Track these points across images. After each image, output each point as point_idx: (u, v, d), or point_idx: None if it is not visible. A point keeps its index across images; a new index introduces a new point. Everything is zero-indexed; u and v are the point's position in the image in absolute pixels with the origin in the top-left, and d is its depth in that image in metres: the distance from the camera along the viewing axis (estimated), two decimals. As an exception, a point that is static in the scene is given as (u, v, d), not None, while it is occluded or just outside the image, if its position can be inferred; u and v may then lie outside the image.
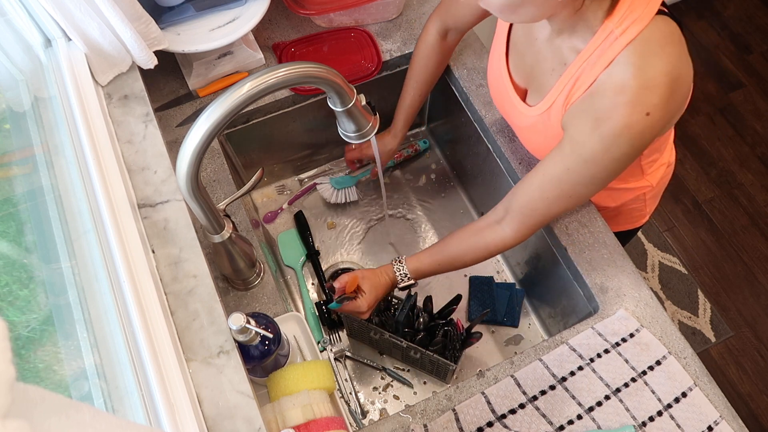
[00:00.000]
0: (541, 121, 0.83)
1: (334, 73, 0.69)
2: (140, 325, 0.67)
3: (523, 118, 0.87)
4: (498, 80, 0.91)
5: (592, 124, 0.70)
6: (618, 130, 0.68)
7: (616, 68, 0.67)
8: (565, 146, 0.75)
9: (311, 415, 0.78)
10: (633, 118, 0.66)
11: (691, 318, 1.92)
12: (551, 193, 0.78)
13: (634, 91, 0.66)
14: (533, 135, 0.88)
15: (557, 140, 0.80)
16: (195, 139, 0.63)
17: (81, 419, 0.36)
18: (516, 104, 0.87)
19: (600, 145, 0.70)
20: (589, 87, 0.71)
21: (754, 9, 2.57)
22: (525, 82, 0.87)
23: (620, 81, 0.67)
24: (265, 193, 1.29)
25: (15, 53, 0.85)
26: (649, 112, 0.66)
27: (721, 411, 0.83)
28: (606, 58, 0.68)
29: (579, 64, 0.73)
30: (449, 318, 0.99)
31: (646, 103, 0.66)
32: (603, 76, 0.69)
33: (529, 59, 0.83)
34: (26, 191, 0.80)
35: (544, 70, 0.80)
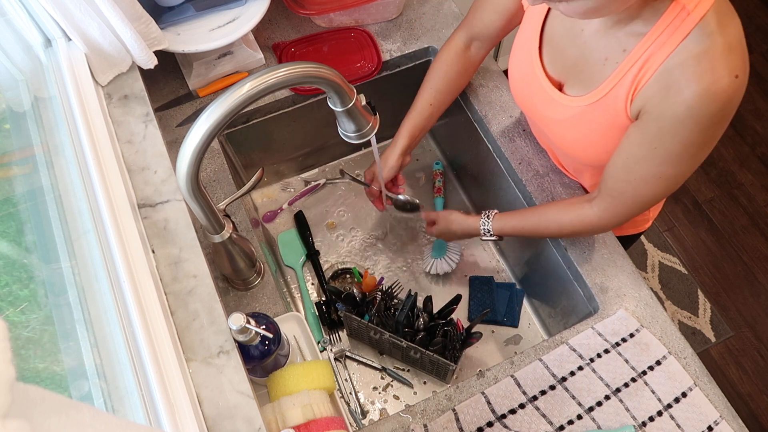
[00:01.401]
0: (588, 112, 0.80)
1: (334, 73, 0.69)
2: (140, 325, 0.67)
3: (562, 110, 0.84)
4: (528, 76, 0.88)
5: (676, 95, 0.67)
6: (709, 94, 0.65)
7: (693, 39, 0.66)
8: (649, 124, 0.71)
9: (311, 415, 0.78)
10: (723, 82, 0.64)
11: (691, 318, 1.92)
12: (638, 175, 0.76)
13: (721, 55, 0.64)
14: (572, 127, 0.84)
15: (609, 131, 0.78)
16: (195, 139, 0.63)
17: (81, 419, 0.36)
18: (555, 97, 0.84)
19: (688, 113, 0.67)
20: (661, 64, 0.69)
21: (754, 9, 2.57)
22: (563, 76, 0.84)
23: (702, 49, 0.65)
24: (265, 193, 1.29)
25: (15, 53, 0.85)
26: (737, 75, 0.65)
27: (721, 411, 0.83)
28: (680, 34, 0.66)
29: (645, 47, 0.70)
30: (449, 318, 0.99)
31: (734, 66, 0.64)
32: (679, 50, 0.67)
33: (571, 53, 0.81)
34: (26, 191, 0.80)
35: (594, 60, 0.78)
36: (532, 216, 0.94)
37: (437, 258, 1.16)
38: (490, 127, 1.10)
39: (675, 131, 0.70)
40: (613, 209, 0.82)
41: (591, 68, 0.79)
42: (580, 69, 0.81)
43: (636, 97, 0.73)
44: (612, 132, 0.78)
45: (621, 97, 0.74)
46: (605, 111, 0.77)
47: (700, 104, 0.66)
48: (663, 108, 0.70)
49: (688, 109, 0.67)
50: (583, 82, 0.81)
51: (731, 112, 0.68)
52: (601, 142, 0.81)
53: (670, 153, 0.72)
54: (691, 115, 0.67)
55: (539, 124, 0.93)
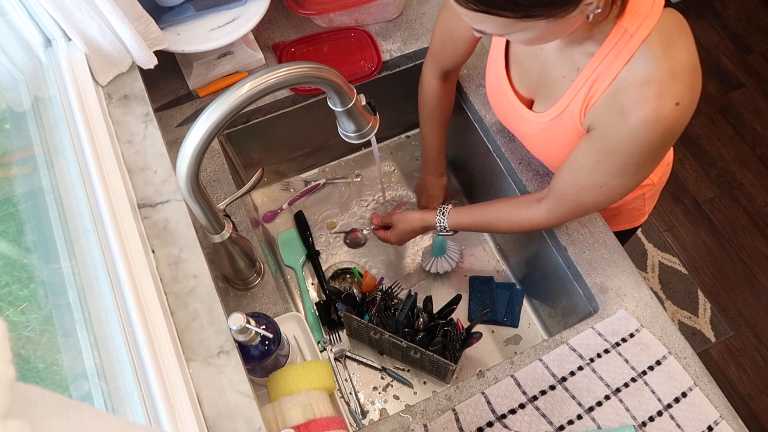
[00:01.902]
0: (552, 127, 0.83)
1: (334, 73, 0.69)
2: (140, 325, 0.67)
3: (530, 125, 0.87)
4: (500, 93, 0.92)
5: (620, 118, 0.70)
6: (650, 121, 0.67)
7: (637, 64, 0.67)
8: (595, 139, 0.75)
9: (311, 415, 0.78)
10: (665, 110, 0.66)
11: (691, 318, 1.92)
12: (581, 182, 0.80)
13: (661, 83, 0.66)
14: (542, 141, 0.88)
15: (570, 145, 0.81)
16: (195, 139, 0.63)
17: (81, 419, 0.36)
18: (523, 114, 0.88)
19: (630, 136, 0.70)
20: (608, 86, 0.71)
21: (754, 9, 2.57)
22: (531, 93, 0.87)
23: (644, 75, 0.67)
24: (265, 193, 1.29)
25: (15, 53, 0.85)
26: (678, 102, 0.66)
27: (721, 411, 0.83)
28: (624, 56, 0.68)
29: (594, 67, 0.73)
30: (449, 318, 0.99)
31: (675, 93, 0.66)
32: (623, 73, 0.69)
33: (535, 70, 0.84)
34: (26, 191, 0.81)
35: (554, 78, 0.80)
36: (487, 213, 0.98)
37: (438, 257, 1.16)
38: (490, 127, 1.10)
39: (618, 150, 0.72)
40: (557, 210, 0.87)
41: (551, 85, 0.81)
42: (543, 85, 0.83)
43: (587, 114, 0.76)
44: (572, 145, 0.81)
45: (575, 112, 0.77)
46: (565, 126, 0.80)
47: (642, 130, 0.68)
48: (608, 128, 0.72)
49: (630, 134, 0.70)
50: (546, 99, 0.84)
51: (673, 136, 0.70)
52: (566, 153, 0.83)
53: (613, 167, 0.75)
54: (633, 139, 0.70)
55: (516, 136, 1.00)
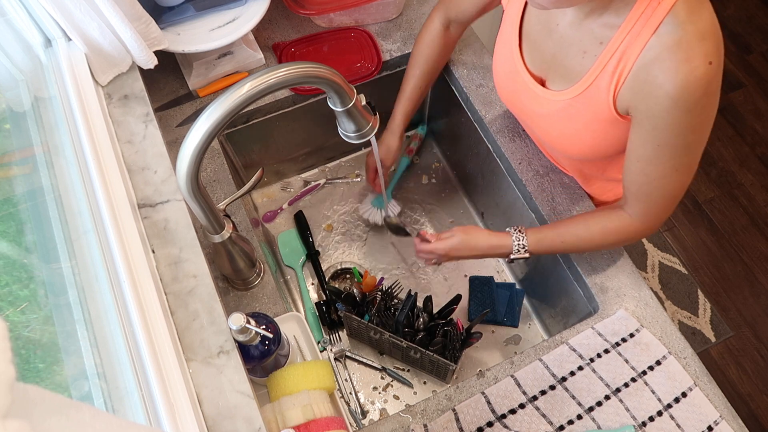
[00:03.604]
0: (572, 105, 0.81)
1: (334, 73, 0.69)
2: (140, 325, 0.67)
3: (548, 104, 0.84)
4: (511, 72, 0.89)
5: (658, 89, 0.68)
6: (689, 84, 0.66)
7: (665, 29, 0.67)
8: (644, 123, 0.73)
9: (311, 415, 0.78)
10: (699, 70, 0.66)
11: (691, 318, 1.92)
12: (655, 174, 0.76)
13: (692, 45, 0.66)
14: (558, 122, 0.85)
15: (594, 125, 0.79)
16: (195, 139, 0.63)
17: (81, 419, 0.36)
18: (539, 93, 0.85)
19: (674, 105, 0.68)
20: (638, 56, 0.70)
21: (754, 9, 2.57)
22: (543, 71, 0.85)
23: (674, 39, 0.66)
24: (265, 193, 1.29)
25: (15, 53, 0.85)
26: (711, 61, 0.66)
27: (721, 411, 0.83)
28: (651, 25, 0.68)
29: (620, 39, 0.71)
30: (449, 318, 0.99)
31: (706, 52, 0.65)
32: (652, 42, 0.68)
33: (549, 47, 0.82)
34: (26, 191, 0.80)
35: (572, 54, 0.79)
36: (571, 231, 0.87)
37: (376, 207, 1.19)
38: (490, 127, 1.10)
39: (668, 125, 0.71)
40: (649, 213, 0.81)
41: (570, 62, 0.80)
42: (559, 63, 0.82)
43: (620, 92, 0.74)
44: (597, 125, 0.79)
45: (603, 89, 0.75)
46: (589, 104, 0.78)
47: (683, 94, 0.67)
48: (649, 105, 0.71)
49: (674, 102, 0.68)
50: (563, 77, 0.82)
51: (715, 94, 0.69)
52: (586, 136, 0.81)
53: (674, 145, 0.73)
54: (678, 106, 0.68)
55: (526, 120, 0.95)
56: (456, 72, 1.15)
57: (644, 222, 0.83)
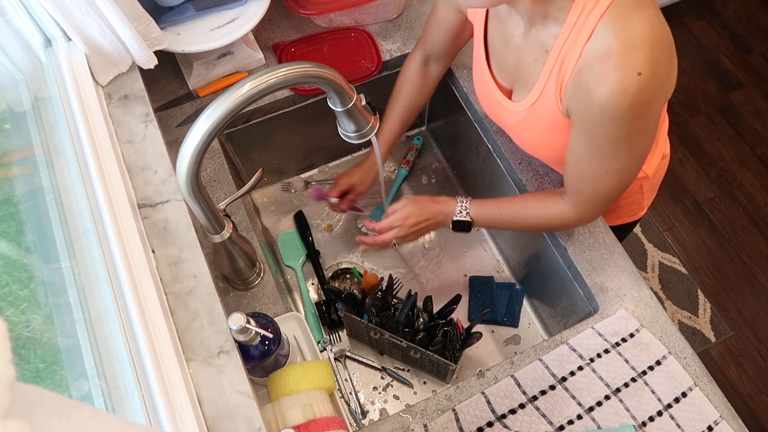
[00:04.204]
0: (532, 114, 0.83)
1: (334, 73, 0.69)
2: (140, 325, 0.67)
3: (512, 115, 0.87)
4: (484, 86, 0.92)
5: (588, 96, 0.70)
6: (615, 94, 0.67)
7: (597, 38, 0.67)
8: (577, 125, 0.75)
9: (311, 415, 0.78)
10: (627, 81, 0.66)
11: (691, 318, 1.92)
12: (587, 173, 0.79)
13: (620, 54, 0.66)
14: (525, 131, 0.88)
15: (552, 131, 0.81)
16: (195, 139, 0.63)
17: (81, 419, 0.36)
18: (504, 104, 0.88)
19: (601, 113, 0.69)
20: (575, 64, 0.71)
21: (754, 9, 2.57)
22: (509, 82, 0.87)
23: (604, 48, 0.67)
24: (265, 193, 1.29)
25: (15, 53, 0.85)
26: (640, 72, 0.65)
27: (721, 411, 0.83)
28: (585, 33, 0.68)
29: (560, 46, 0.73)
30: (449, 318, 0.99)
31: (635, 63, 0.65)
32: (587, 49, 0.69)
33: (509, 58, 0.84)
34: (26, 191, 0.80)
35: (526, 64, 0.80)
36: (510, 207, 0.93)
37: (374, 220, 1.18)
38: (490, 127, 1.10)
39: (597, 130, 0.72)
40: (581, 206, 0.85)
41: (526, 71, 0.81)
42: (519, 73, 0.83)
43: (563, 96, 0.75)
44: (555, 130, 0.81)
45: (552, 96, 0.77)
46: (544, 111, 0.80)
47: (609, 104, 0.68)
48: (582, 109, 0.72)
49: (600, 110, 0.69)
50: (523, 86, 0.83)
51: (646, 104, 0.69)
52: (553, 141, 0.83)
53: (603, 149, 0.75)
54: (604, 114, 0.69)
55: (505, 131, 0.97)
56: (456, 72, 1.15)
57: (577, 213, 0.87)
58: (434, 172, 1.34)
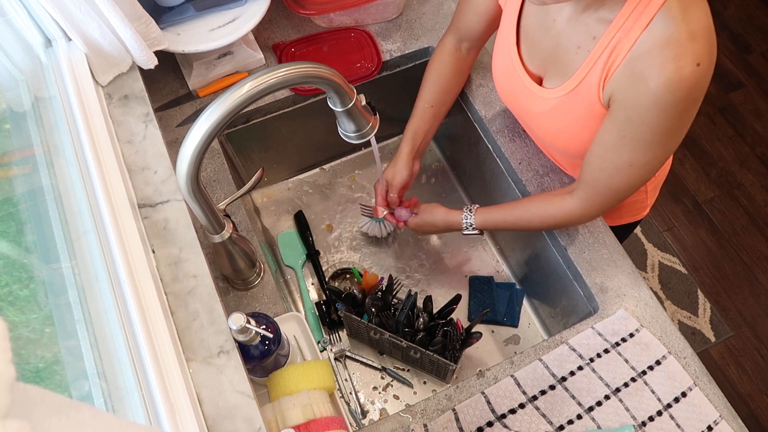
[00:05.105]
0: (566, 102, 0.81)
1: (334, 73, 0.69)
2: (140, 325, 0.67)
3: (542, 103, 0.85)
4: (509, 71, 0.90)
5: (641, 84, 0.68)
6: (672, 83, 0.66)
7: (657, 26, 0.66)
8: (618, 113, 0.73)
9: (311, 415, 0.78)
10: (686, 71, 0.65)
11: (691, 318, 1.92)
12: (610, 163, 0.78)
13: (682, 43, 0.65)
14: (554, 119, 0.86)
15: (585, 120, 0.79)
16: (195, 139, 0.63)
17: (81, 419, 0.36)
18: (534, 91, 0.86)
19: (653, 101, 0.68)
20: (628, 52, 0.70)
21: (754, 9, 2.57)
22: (541, 68, 0.86)
23: (665, 36, 0.66)
24: (265, 193, 1.29)
25: (15, 53, 0.85)
26: (699, 63, 0.65)
27: (721, 411, 0.83)
28: (643, 20, 0.67)
29: (613, 33, 0.71)
30: (449, 318, 0.99)
31: (696, 53, 0.65)
32: (644, 37, 0.67)
33: (547, 44, 0.82)
34: (26, 191, 0.80)
35: (567, 50, 0.79)
36: (514, 210, 0.95)
37: (374, 220, 1.18)
38: (490, 127, 1.10)
39: (642, 119, 0.71)
40: (591, 199, 0.84)
41: (565, 58, 0.80)
42: (556, 59, 0.82)
43: (607, 84, 0.74)
44: (590, 121, 0.79)
45: (594, 84, 0.75)
46: (581, 100, 0.79)
47: (664, 93, 0.67)
48: (630, 96, 0.71)
49: (653, 98, 0.68)
50: (559, 73, 0.82)
51: (697, 99, 0.69)
52: (582, 132, 0.82)
53: (639, 140, 0.73)
54: (656, 103, 0.68)
55: (525, 119, 0.95)
56: (456, 72, 1.15)
57: (583, 209, 0.86)
58: (434, 172, 1.34)
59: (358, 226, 1.22)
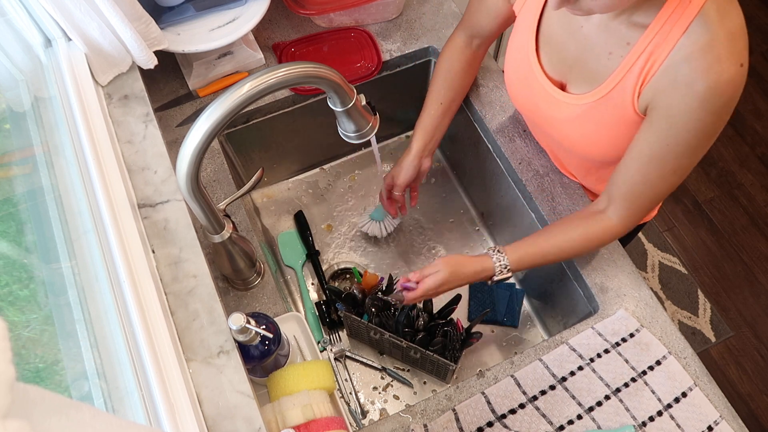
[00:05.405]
0: (596, 108, 0.79)
1: (334, 73, 0.69)
2: (140, 325, 0.67)
3: (567, 108, 0.83)
4: (526, 78, 0.88)
5: (686, 89, 0.68)
6: (720, 86, 0.66)
7: (695, 29, 0.66)
8: (660, 122, 0.72)
9: (311, 415, 0.78)
10: (731, 72, 0.65)
11: (691, 318, 1.92)
12: (654, 174, 0.76)
13: (724, 45, 0.65)
14: (579, 125, 0.84)
15: (617, 127, 0.78)
16: (195, 139, 0.63)
17: (81, 419, 0.36)
18: (558, 97, 0.84)
19: (700, 106, 0.68)
20: (666, 57, 0.69)
21: (754, 9, 2.57)
22: (563, 75, 0.84)
23: (706, 39, 0.65)
24: (265, 193, 1.29)
25: (15, 53, 0.85)
26: (742, 63, 0.66)
27: (721, 411, 0.83)
28: (682, 24, 0.67)
29: (650, 38, 0.70)
30: (449, 318, 0.99)
31: (737, 53, 0.65)
32: (683, 41, 0.67)
33: (572, 50, 0.81)
34: (26, 191, 0.80)
35: (596, 56, 0.78)
36: (550, 239, 0.87)
37: (374, 220, 1.18)
38: (490, 127, 1.10)
39: (687, 125, 0.70)
40: (633, 211, 0.82)
41: (594, 64, 0.79)
42: (583, 65, 0.80)
43: (644, 91, 0.73)
44: (620, 127, 0.78)
45: (628, 90, 0.74)
46: (613, 106, 0.77)
47: (712, 96, 0.67)
48: (673, 103, 0.70)
49: (700, 102, 0.68)
50: (587, 79, 0.81)
51: (737, 99, 0.69)
52: (610, 138, 0.81)
53: (684, 146, 0.72)
54: (704, 107, 0.68)
55: (543, 125, 0.93)
56: (456, 72, 1.15)
57: (624, 224, 0.84)
58: (434, 172, 1.34)
59: (358, 226, 1.22)
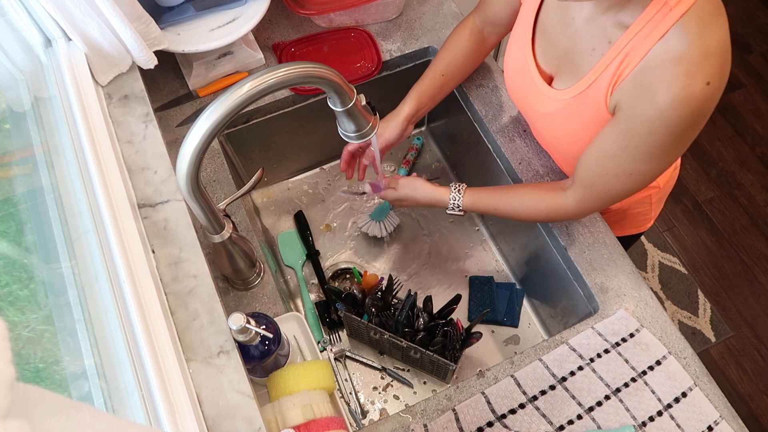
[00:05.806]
0: (573, 104, 0.80)
1: (334, 73, 0.69)
2: (140, 325, 0.67)
3: (549, 103, 0.84)
4: (520, 68, 0.88)
5: (648, 97, 0.67)
6: (680, 101, 0.65)
7: (672, 38, 0.65)
8: (621, 123, 0.72)
9: (311, 415, 0.78)
10: (695, 89, 0.64)
11: (691, 318, 1.92)
12: (609, 170, 0.77)
13: (694, 60, 0.63)
14: (560, 121, 0.84)
15: (590, 124, 0.78)
16: (195, 139, 0.63)
17: (81, 419, 0.36)
18: (543, 91, 0.84)
19: (658, 116, 0.67)
20: (640, 61, 0.68)
21: (754, 9, 2.57)
22: (554, 67, 0.84)
23: (678, 51, 0.64)
24: (265, 193, 1.29)
25: (15, 53, 0.85)
26: (709, 82, 0.64)
27: (721, 411, 0.83)
28: (659, 30, 0.66)
29: (628, 39, 0.69)
30: (449, 318, 0.99)
31: (707, 71, 0.64)
32: (657, 48, 0.66)
33: (563, 42, 0.81)
34: (26, 191, 0.80)
35: (582, 50, 0.77)
36: (506, 197, 0.93)
37: (374, 220, 1.19)
38: (490, 127, 1.10)
39: (645, 132, 0.70)
40: (587, 200, 0.84)
41: (579, 58, 0.78)
42: (569, 60, 0.80)
43: (615, 91, 0.73)
44: (594, 125, 0.78)
45: (602, 89, 0.74)
46: (589, 103, 0.77)
47: (671, 110, 0.66)
48: (635, 108, 0.70)
49: (658, 114, 0.67)
50: (571, 73, 0.81)
51: (704, 116, 0.68)
52: (588, 136, 0.81)
53: (640, 152, 0.73)
54: (661, 119, 0.67)
55: (532, 119, 0.94)
56: (456, 72, 1.15)
57: (579, 208, 0.86)
58: (434, 172, 1.34)
59: (358, 226, 1.22)
